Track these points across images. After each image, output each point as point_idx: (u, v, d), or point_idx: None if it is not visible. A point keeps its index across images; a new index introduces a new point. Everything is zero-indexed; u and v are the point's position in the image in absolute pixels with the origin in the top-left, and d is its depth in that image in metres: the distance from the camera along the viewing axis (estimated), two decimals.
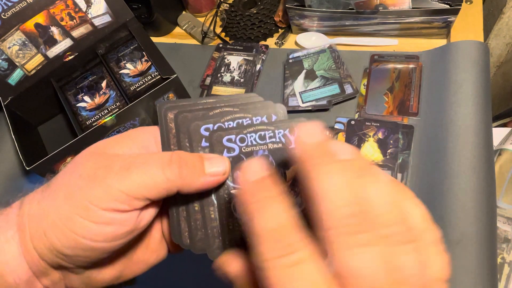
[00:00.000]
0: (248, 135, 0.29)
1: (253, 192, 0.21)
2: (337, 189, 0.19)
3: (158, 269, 0.33)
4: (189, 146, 0.29)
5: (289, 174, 0.28)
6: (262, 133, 0.29)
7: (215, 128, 0.29)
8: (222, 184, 0.29)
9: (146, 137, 0.29)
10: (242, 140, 0.29)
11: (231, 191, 0.29)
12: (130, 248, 0.30)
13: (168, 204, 0.29)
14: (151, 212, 0.28)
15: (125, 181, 0.25)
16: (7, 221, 0.27)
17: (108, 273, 0.30)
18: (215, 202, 0.29)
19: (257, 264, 0.20)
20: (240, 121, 0.29)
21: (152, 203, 0.28)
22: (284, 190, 0.21)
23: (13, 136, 0.61)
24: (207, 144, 0.29)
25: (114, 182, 0.25)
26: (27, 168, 0.58)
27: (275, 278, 0.19)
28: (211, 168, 0.27)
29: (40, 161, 0.58)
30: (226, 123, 0.29)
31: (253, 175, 0.22)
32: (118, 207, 0.25)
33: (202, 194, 0.29)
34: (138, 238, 0.30)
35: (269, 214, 0.20)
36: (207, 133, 0.29)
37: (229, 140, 0.29)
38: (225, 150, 0.29)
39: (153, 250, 0.32)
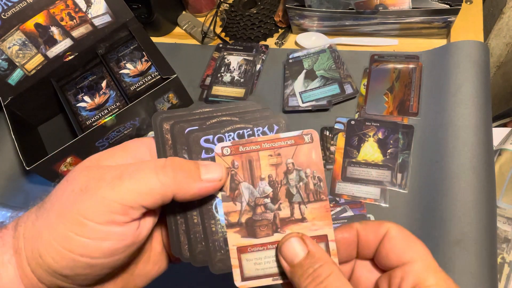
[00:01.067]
0: (227, 134, 0.28)
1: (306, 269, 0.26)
2: None
3: (159, 279, 0.32)
4: (188, 158, 0.29)
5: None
6: (241, 131, 0.29)
7: (215, 139, 0.29)
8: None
9: (141, 149, 0.29)
10: (220, 140, 0.28)
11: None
12: (131, 262, 0.30)
13: (166, 216, 0.29)
14: (149, 223, 0.27)
15: (118, 190, 0.24)
16: (3, 244, 0.26)
17: None
18: (216, 215, 0.29)
19: None
20: (241, 131, 0.29)
21: (150, 213, 0.27)
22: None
23: (13, 136, 0.61)
24: (208, 155, 0.29)
25: (107, 192, 0.24)
26: (27, 168, 0.58)
27: None
28: (207, 174, 0.27)
29: (40, 161, 0.58)
30: (226, 134, 0.29)
31: (295, 257, 0.26)
32: (114, 219, 0.24)
33: (201, 206, 0.29)
34: (138, 251, 0.30)
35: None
36: (207, 145, 0.29)
37: (207, 141, 0.28)
38: (203, 151, 0.28)
39: (154, 262, 0.31)
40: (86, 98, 0.68)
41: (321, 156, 0.28)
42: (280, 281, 0.28)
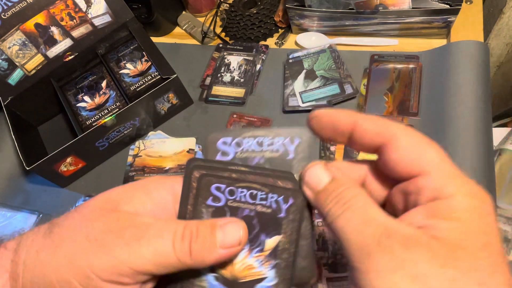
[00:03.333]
0: (239, 189, 0.26)
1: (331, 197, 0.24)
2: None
3: None
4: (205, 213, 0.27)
5: (268, 243, 0.26)
6: (254, 192, 0.26)
7: (227, 190, 0.27)
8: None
9: (163, 193, 0.27)
10: (231, 192, 0.26)
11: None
12: None
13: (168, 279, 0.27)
14: (151, 283, 0.26)
15: (133, 256, 0.24)
16: (0, 266, 0.25)
17: None
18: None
19: (355, 257, 0.22)
20: (254, 192, 0.27)
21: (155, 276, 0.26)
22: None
23: (13, 136, 0.61)
24: (214, 204, 0.27)
25: (122, 255, 0.24)
26: (27, 168, 0.58)
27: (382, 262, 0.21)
28: (224, 240, 0.25)
29: (40, 161, 0.58)
30: (239, 189, 0.27)
31: (319, 183, 0.25)
32: (121, 280, 0.24)
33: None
34: None
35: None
36: (217, 193, 0.27)
37: (218, 189, 0.27)
38: (211, 198, 0.27)
39: None
40: (86, 98, 0.68)
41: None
42: None
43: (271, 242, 0.26)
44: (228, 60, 0.74)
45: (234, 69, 0.72)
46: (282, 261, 0.26)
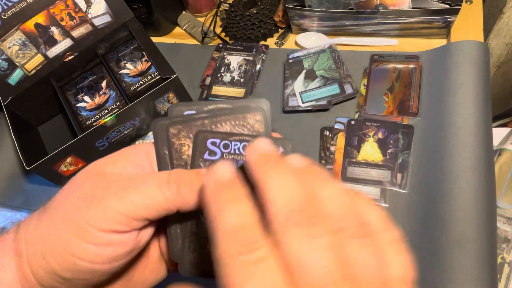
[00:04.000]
0: (233, 142, 0.28)
1: (218, 192, 0.21)
2: (287, 186, 0.20)
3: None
4: (190, 157, 0.29)
5: None
6: (247, 143, 0.29)
7: (221, 144, 0.28)
8: None
9: (141, 156, 0.29)
10: (226, 146, 0.28)
11: None
12: (129, 269, 0.30)
13: (167, 223, 0.29)
14: (150, 230, 0.28)
15: (123, 202, 0.25)
16: (3, 247, 0.27)
17: None
18: None
19: (217, 262, 0.19)
20: (247, 143, 0.29)
21: (150, 222, 0.27)
22: (249, 193, 0.21)
23: (13, 136, 0.61)
24: (210, 157, 0.29)
25: (113, 203, 0.25)
26: (27, 168, 0.58)
27: (234, 275, 0.18)
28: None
29: (40, 161, 0.58)
30: (233, 142, 0.29)
31: (219, 176, 0.22)
32: (117, 228, 0.25)
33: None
34: (136, 258, 0.30)
35: (232, 212, 0.20)
36: (212, 147, 0.29)
37: (213, 144, 0.28)
38: (207, 152, 0.28)
39: (152, 270, 0.31)
40: (86, 98, 0.68)
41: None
42: None
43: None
44: (228, 60, 0.74)
45: (234, 69, 0.72)
46: None
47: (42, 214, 0.27)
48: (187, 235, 0.29)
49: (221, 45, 0.77)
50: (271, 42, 0.75)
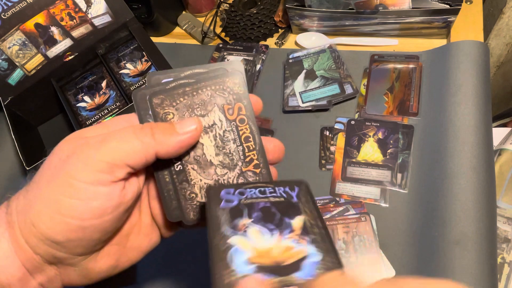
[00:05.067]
0: (248, 189, 0.29)
1: None
2: None
3: (157, 269, 0.33)
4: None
5: (295, 224, 0.27)
6: (262, 189, 0.29)
7: (236, 193, 0.29)
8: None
9: (120, 122, 0.30)
10: (241, 193, 0.29)
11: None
12: (123, 233, 0.31)
13: (156, 179, 0.30)
14: (134, 185, 0.29)
15: (103, 150, 0.26)
16: None
17: (104, 262, 0.29)
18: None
19: None
20: (262, 189, 0.29)
21: (135, 174, 0.28)
22: None
23: (13, 136, 0.61)
24: (228, 205, 0.29)
25: (92, 152, 0.26)
26: (27, 168, 0.58)
27: None
28: (183, 128, 0.28)
29: (40, 161, 0.58)
30: (248, 189, 0.29)
31: None
32: (101, 178, 0.26)
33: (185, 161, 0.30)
34: (128, 223, 0.31)
35: None
36: (228, 196, 0.29)
37: (228, 193, 0.29)
38: (223, 201, 0.28)
39: (145, 234, 0.32)
40: (86, 98, 0.68)
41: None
42: None
43: (297, 222, 0.27)
44: (228, 60, 0.74)
45: None
46: (316, 235, 0.26)
47: (29, 185, 0.27)
48: (177, 185, 0.30)
49: (221, 45, 0.77)
50: (271, 42, 0.75)
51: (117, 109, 0.66)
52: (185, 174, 0.31)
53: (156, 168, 0.30)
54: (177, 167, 0.30)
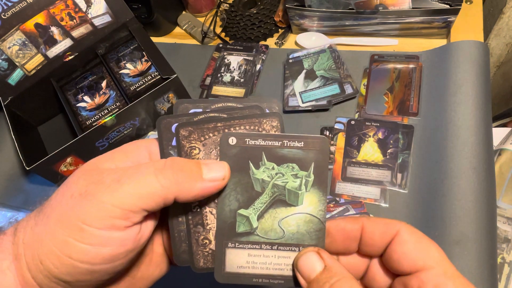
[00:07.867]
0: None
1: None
2: None
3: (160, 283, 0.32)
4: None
5: None
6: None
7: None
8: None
9: (140, 151, 0.28)
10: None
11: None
12: (133, 266, 0.29)
13: (169, 218, 0.28)
14: (150, 225, 0.27)
15: (117, 194, 0.24)
16: (2, 251, 0.26)
17: None
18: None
19: None
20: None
21: (151, 215, 0.26)
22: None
23: (13, 136, 0.61)
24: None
25: (106, 196, 0.24)
26: (27, 168, 0.58)
27: None
28: (209, 173, 0.26)
29: (40, 161, 0.58)
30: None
31: (311, 272, 0.25)
32: (115, 224, 0.24)
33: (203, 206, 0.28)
34: (140, 254, 0.29)
35: None
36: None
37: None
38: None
39: (156, 265, 0.30)
40: (86, 98, 0.68)
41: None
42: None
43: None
44: (228, 60, 0.74)
45: (234, 69, 0.72)
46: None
47: (38, 215, 0.26)
48: (191, 227, 0.28)
49: (221, 45, 0.77)
50: (271, 42, 0.75)
51: (117, 109, 0.66)
52: (202, 217, 0.28)
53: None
54: (194, 208, 0.28)
